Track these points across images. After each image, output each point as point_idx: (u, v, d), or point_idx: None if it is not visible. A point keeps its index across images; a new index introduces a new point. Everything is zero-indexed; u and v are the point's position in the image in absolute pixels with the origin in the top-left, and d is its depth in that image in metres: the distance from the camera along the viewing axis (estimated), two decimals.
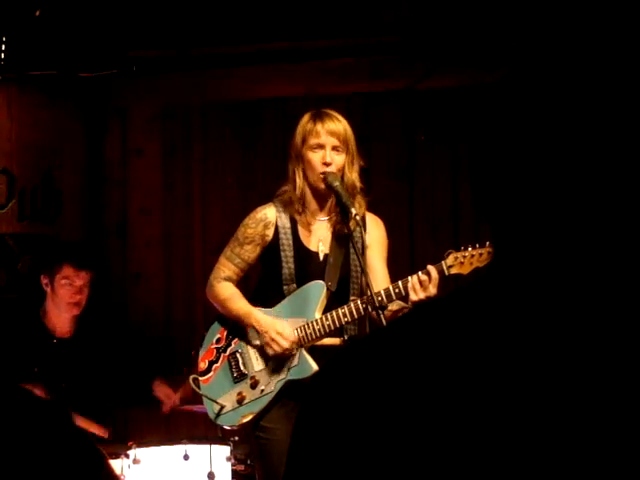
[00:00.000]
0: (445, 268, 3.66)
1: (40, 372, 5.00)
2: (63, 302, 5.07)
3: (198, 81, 6.18)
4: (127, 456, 4.55)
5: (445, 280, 3.71)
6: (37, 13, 5.36)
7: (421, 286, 3.64)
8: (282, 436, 3.79)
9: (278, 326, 3.85)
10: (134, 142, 6.28)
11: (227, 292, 3.99)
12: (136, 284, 6.22)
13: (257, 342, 3.90)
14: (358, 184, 3.91)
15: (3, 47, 5.70)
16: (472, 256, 3.65)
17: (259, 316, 3.90)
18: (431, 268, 3.66)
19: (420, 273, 3.67)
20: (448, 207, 5.87)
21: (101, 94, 6.17)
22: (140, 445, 4.61)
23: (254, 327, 3.90)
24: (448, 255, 3.69)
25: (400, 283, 3.69)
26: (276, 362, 3.85)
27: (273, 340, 3.83)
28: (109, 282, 6.14)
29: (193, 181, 6.26)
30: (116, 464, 4.50)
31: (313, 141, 3.86)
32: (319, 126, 3.87)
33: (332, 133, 3.87)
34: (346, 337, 3.87)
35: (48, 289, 5.11)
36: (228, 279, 4.01)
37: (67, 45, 5.82)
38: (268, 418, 3.85)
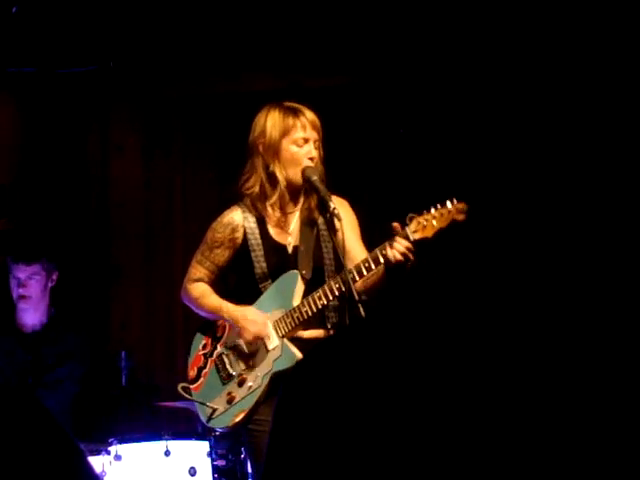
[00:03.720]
0: (410, 234, 3.60)
1: (6, 369, 5.00)
2: (13, 296, 5.11)
3: (179, 77, 6.18)
4: (108, 452, 4.55)
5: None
6: (14, 10, 5.33)
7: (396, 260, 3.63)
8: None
9: (248, 313, 3.83)
10: (114, 138, 6.27)
11: (198, 290, 3.97)
12: (117, 279, 6.21)
13: (235, 335, 3.90)
14: (324, 176, 3.89)
15: None
16: (434, 217, 3.59)
17: (229, 307, 3.90)
18: (401, 240, 3.62)
19: (392, 245, 3.63)
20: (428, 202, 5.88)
21: (81, 91, 6.15)
22: (121, 441, 4.61)
23: (225, 319, 3.90)
24: (411, 220, 3.61)
25: (369, 257, 3.66)
26: (260, 357, 3.85)
27: (244, 328, 3.84)
28: (90, 277, 6.13)
29: (174, 176, 6.26)
30: (97, 461, 4.50)
31: (299, 135, 3.79)
32: (303, 119, 3.80)
33: (315, 126, 3.82)
34: (329, 326, 3.85)
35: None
36: (200, 280, 3.99)
37: (45, 42, 5.81)
38: (259, 411, 3.85)
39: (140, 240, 6.24)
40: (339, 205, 3.83)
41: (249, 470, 4.54)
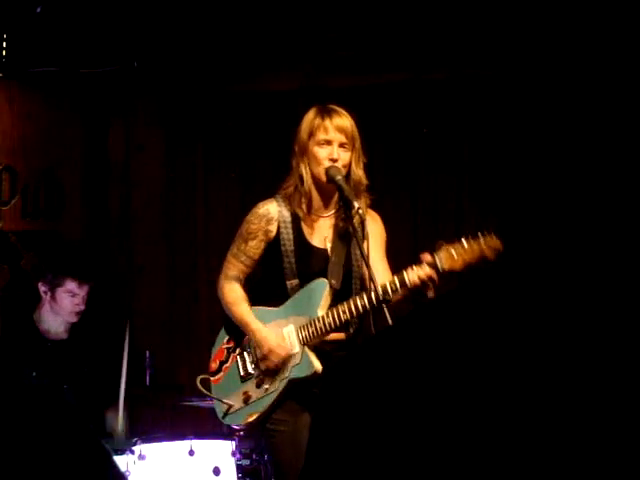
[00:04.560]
0: (438, 262, 3.61)
1: (38, 376, 5.00)
2: (65, 311, 5.08)
3: (201, 76, 6.17)
4: (132, 452, 4.56)
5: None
6: (38, 10, 5.35)
7: (422, 283, 3.63)
8: (291, 428, 3.80)
9: (271, 339, 3.86)
10: (136, 138, 6.28)
11: (232, 295, 4.00)
12: (139, 279, 6.22)
13: (255, 352, 3.92)
14: (364, 181, 3.90)
15: (4, 44, 5.69)
16: (464, 250, 3.59)
17: (256, 326, 3.92)
18: (425, 268, 3.63)
19: (417, 270, 3.64)
20: (451, 202, 5.86)
21: (103, 90, 6.16)
22: (145, 441, 4.61)
23: (250, 336, 3.91)
24: (440, 247, 3.63)
25: (396, 278, 3.67)
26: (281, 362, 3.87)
27: (265, 356, 3.87)
28: (113, 278, 6.14)
29: (196, 176, 6.26)
30: (121, 460, 4.51)
31: (321, 136, 3.84)
32: (327, 122, 3.85)
33: (340, 129, 3.85)
34: (351, 330, 3.87)
35: (46, 296, 5.11)
36: (236, 278, 4.01)
37: (68, 42, 5.82)
38: (277, 411, 3.87)
39: (162, 239, 6.24)
40: (371, 218, 3.89)
41: None
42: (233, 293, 4.00)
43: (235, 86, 6.16)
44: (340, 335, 3.86)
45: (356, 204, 3.69)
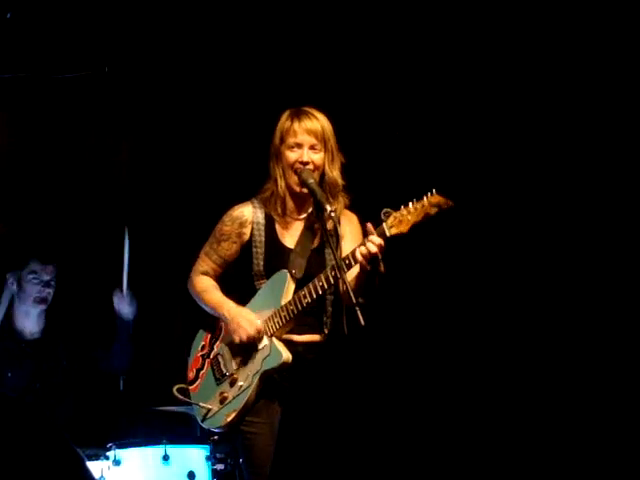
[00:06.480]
0: (386, 230, 3.64)
1: (14, 376, 5.00)
2: (30, 298, 5.10)
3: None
4: (107, 457, 4.55)
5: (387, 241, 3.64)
6: (8, 16, 5.33)
7: (370, 255, 3.64)
8: (266, 430, 3.82)
9: (244, 314, 3.90)
10: (109, 143, 6.27)
11: (203, 284, 4.06)
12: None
13: (230, 334, 3.95)
14: (340, 181, 3.94)
15: None
16: (409, 212, 3.62)
17: (229, 306, 3.97)
18: (374, 238, 3.64)
19: (367, 241, 3.64)
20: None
21: (75, 96, 6.15)
22: (120, 446, 4.61)
23: (224, 316, 3.95)
24: (387, 216, 3.65)
25: (349, 255, 3.67)
26: (251, 357, 3.91)
27: (238, 327, 3.89)
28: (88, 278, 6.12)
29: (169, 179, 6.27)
30: (96, 466, 4.50)
31: (290, 140, 3.91)
32: (296, 125, 3.91)
33: (309, 132, 3.90)
34: (326, 331, 3.91)
35: (14, 287, 5.13)
36: (206, 274, 4.08)
37: (39, 47, 5.80)
38: (252, 412, 3.89)
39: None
40: (347, 218, 3.98)
41: None
42: (203, 283, 4.06)
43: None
44: (314, 337, 3.90)
45: (328, 207, 3.71)
